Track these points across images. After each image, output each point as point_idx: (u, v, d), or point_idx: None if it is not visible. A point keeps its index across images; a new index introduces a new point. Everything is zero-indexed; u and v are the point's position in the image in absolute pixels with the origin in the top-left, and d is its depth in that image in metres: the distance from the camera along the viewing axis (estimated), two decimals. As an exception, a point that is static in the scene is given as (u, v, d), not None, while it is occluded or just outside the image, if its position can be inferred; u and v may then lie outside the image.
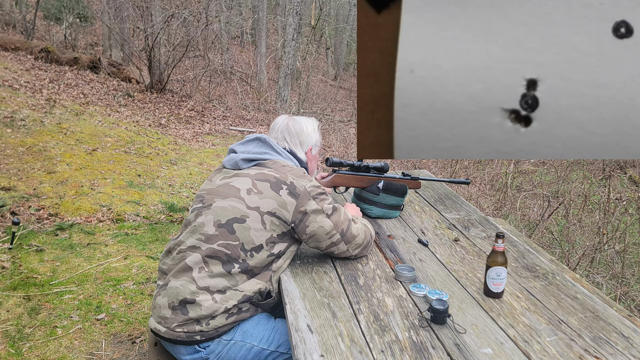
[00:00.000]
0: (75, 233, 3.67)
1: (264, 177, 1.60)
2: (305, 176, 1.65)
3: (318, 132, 1.89)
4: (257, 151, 1.69)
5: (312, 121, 1.89)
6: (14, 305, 2.70)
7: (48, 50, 9.36)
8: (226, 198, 1.58)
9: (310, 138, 1.84)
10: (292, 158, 1.74)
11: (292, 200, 1.57)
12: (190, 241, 1.57)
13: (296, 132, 1.80)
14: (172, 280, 1.55)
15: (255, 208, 1.56)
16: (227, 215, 1.56)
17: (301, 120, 1.84)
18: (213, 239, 1.54)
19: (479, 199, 5.46)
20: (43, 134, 5.78)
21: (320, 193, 1.64)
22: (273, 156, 1.69)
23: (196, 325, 1.50)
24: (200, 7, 10.29)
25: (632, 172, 7.17)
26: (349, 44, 19.53)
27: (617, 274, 3.78)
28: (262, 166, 1.65)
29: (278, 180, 1.59)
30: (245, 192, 1.58)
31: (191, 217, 1.64)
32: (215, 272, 1.52)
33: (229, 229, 1.54)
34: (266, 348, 1.57)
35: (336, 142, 8.34)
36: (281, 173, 1.62)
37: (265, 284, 1.59)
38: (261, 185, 1.59)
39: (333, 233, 1.64)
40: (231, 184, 1.62)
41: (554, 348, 1.29)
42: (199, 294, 1.50)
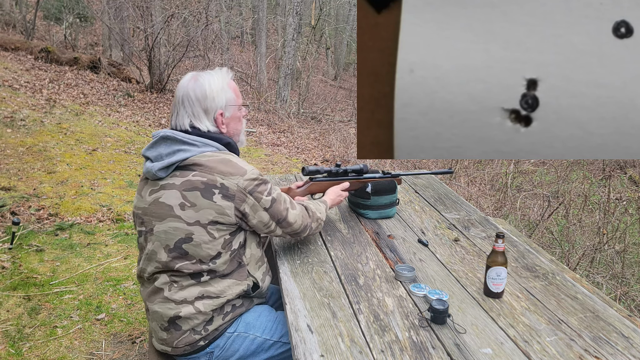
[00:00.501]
0: (75, 233, 3.67)
1: (191, 185, 1.46)
2: (235, 170, 1.48)
3: (229, 89, 1.59)
4: (169, 152, 1.49)
5: (221, 75, 1.59)
6: (14, 305, 2.70)
7: (48, 50, 9.36)
8: (163, 220, 1.48)
9: (218, 100, 1.55)
10: (209, 143, 1.52)
11: (228, 203, 1.46)
12: (150, 269, 1.54)
13: (197, 98, 1.53)
14: (150, 305, 1.55)
15: (195, 223, 1.46)
16: (172, 238, 1.47)
17: (205, 78, 1.55)
18: (169, 264, 1.49)
19: (479, 199, 5.46)
20: (43, 134, 5.78)
21: (257, 184, 1.50)
22: (188, 152, 1.48)
23: (195, 334, 1.51)
24: (200, 7, 10.29)
25: (632, 172, 7.17)
26: (349, 44, 19.54)
27: (617, 274, 3.78)
28: (185, 170, 1.49)
29: (207, 186, 1.45)
30: (179, 208, 1.46)
31: (141, 240, 1.58)
32: (186, 284, 1.50)
33: (180, 252, 1.48)
34: (269, 338, 1.58)
35: (336, 142, 8.35)
36: (207, 175, 1.46)
37: (245, 282, 1.56)
38: (191, 196, 1.45)
39: (270, 223, 1.58)
40: (161, 200, 1.49)
41: (554, 348, 1.29)
42: (180, 309, 1.49)
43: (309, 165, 2.07)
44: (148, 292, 1.56)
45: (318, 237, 1.95)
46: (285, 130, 9.23)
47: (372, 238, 1.97)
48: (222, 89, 1.56)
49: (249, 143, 7.67)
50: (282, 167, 6.68)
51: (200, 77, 1.55)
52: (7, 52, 9.16)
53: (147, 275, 1.55)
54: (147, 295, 1.57)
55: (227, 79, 1.59)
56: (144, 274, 1.57)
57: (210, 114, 1.55)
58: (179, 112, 1.55)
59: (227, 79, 1.59)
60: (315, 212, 1.76)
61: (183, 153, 1.48)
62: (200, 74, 1.57)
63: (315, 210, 1.77)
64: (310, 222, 1.72)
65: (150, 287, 1.55)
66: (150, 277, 1.55)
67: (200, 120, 1.54)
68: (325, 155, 7.65)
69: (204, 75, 1.56)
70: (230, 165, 1.49)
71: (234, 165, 1.49)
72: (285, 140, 8.49)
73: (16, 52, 9.29)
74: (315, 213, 1.76)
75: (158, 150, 1.51)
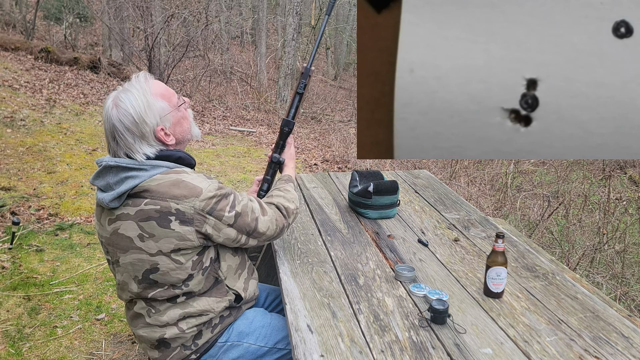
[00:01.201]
0: (75, 233, 3.67)
1: (145, 215, 1.34)
2: (188, 191, 1.35)
3: (155, 99, 1.40)
4: (117, 180, 1.36)
5: (140, 87, 1.39)
6: (14, 305, 2.70)
7: (48, 50, 9.36)
8: (126, 252, 1.40)
9: (150, 119, 1.37)
10: (157, 164, 1.39)
11: (187, 228, 1.35)
12: (125, 296, 1.51)
13: (126, 128, 1.35)
14: (134, 329, 1.53)
15: (158, 253, 1.37)
16: (138, 269, 1.41)
17: (126, 102, 1.36)
18: (142, 293, 1.45)
19: (479, 199, 5.46)
20: (43, 134, 5.78)
21: (217, 202, 1.38)
22: (137, 178, 1.35)
23: (186, 350, 1.48)
24: (200, 7, 10.29)
25: (632, 172, 7.17)
26: (349, 44, 19.53)
27: (617, 274, 3.78)
28: (136, 198, 1.36)
29: (162, 214, 1.33)
30: (139, 240, 1.37)
31: (111, 269, 1.51)
32: (163, 308, 1.46)
33: (149, 282, 1.42)
34: (263, 345, 1.54)
35: (336, 142, 8.34)
36: (160, 202, 1.33)
37: (225, 298, 1.52)
38: (148, 226, 1.35)
39: (239, 238, 1.46)
40: (119, 231, 1.39)
41: (554, 348, 1.29)
42: (165, 330, 1.46)
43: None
44: (130, 316, 1.53)
45: (318, 237, 1.95)
46: (285, 130, 9.20)
47: (372, 238, 1.97)
48: (149, 104, 1.37)
49: (249, 143, 7.67)
50: (282, 167, 6.67)
51: (120, 102, 1.36)
52: (7, 52, 9.16)
53: (125, 300, 1.53)
54: (129, 319, 1.54)
55: (148, 89, 1.40)
56: (122, 298, 1.54)
57: (148, 137, 1.38)
58: (113, 148, 1.40)
59: (148, 89, 1.40)
60: (288, 206, 1.61)
61: (132, 180, 1.34)
62: (119, 96, 1.38)
63: (287, 203, 1.62)
64: (286, 221, 1.59)
65: (131, 311, 1.52)
66: (129, 302, 1.52)
67: (138, 150, 1.38)
68: (325, 155, 7.65)
69: (123, 97, 1.37)
70: (183, 186, 1.35)
71: (187, 185, 1.35)
72: (285, 140, 8.46)
73: (16, 52, 9.29)
74: (289, 207, 1.61)
75: (105, 179, 1.38)
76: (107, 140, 1.41)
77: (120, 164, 1.36)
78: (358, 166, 7.06)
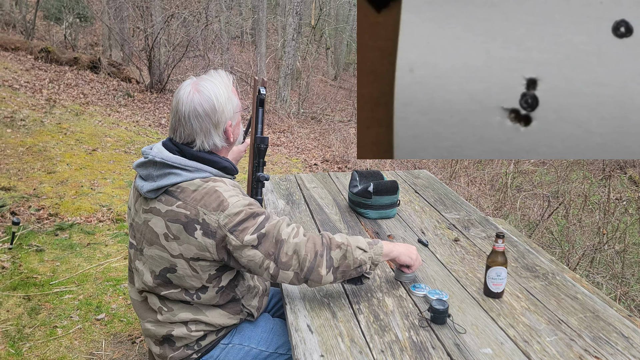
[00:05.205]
0: (75, 233, 3.67)
1: (174, 217, 1.35)
2: (218, 204, 1.34)
3: (234, 96, 1.46)
4: (160, 173, 1.38)
5: (223, 81, 1.45)
6: (14, 305, 2.70)
7: (48, 50, 9.36)
8: (152, 245, 1.41)
9: (227, 111, 1.42)
10: (203, 168, 1.40)
11: (209, 241, 1.34)
12: (139, 285, 1.50)
13: (207, 113, 1.38)
14: (142, 322, 1.53)
15: (179, 256, 1.37)
16: (157, 265, 1.42)
17: (210, 90, 1.40)
18: (155, 289, 1.46)
19: (479, 199, 5.46)
20: (43, 134, 5.78)
21: (241, 220, 1.33)
22: (180, 176, 1.37)
23: (188, 349, 1.49)
24: (200, 7, 10.29)
25: (632, 172, 7.17)
26: (349, 44, 19.53)
27: (617, 274, 3.78)
28: (171, 196, 1.37)
29: (190, 220, 1.34)
30: (164, 238, 1.38)
31: (131, 252, 1.52)
32: (176, 308, 1.46)
33: (164, 280, 1.43)
34: (265, 350, 1.55)
35: (336, 142, 8.34)
36: (191, 207, 1.34)
37: (237, 316, 1.52)
38: (175, 228, 1.36)
39: (267, 264, 1.36)
40: (150, 224, 1.40)
41: (554, 348, 1.29)
42: (173, 327, 1.46)
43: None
44: (139, 306, 1.53)
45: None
46: (285, 130, 9.23)
47: (372, 238, 1.97)
48: (229, 97, 1.43)
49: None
50: (282, 167, 6.68)
51: (203, 89, 1.40)
52: (7, 52, 9.16)
53: (137, 288, 1.52)
54: (139, 309, 1.54)
55: (230, 85, 1.46)
56: (132, 284, 1.54)
57: (220, 127, 1.42)
58: (185, 129, 1.40)
59: (230, 85, 1.46)
60: (333, 238, 1.43)
61: (174, 177, 1.37)
62: (200, 83, 1.42)
63: (338, 238, 1.44)
64: (322, 248, 1.40)
65: (143, 303, 1.52)
66: (141, 291, 1.52)
67: (210, 137, 1.41)
68: (325, 155, 7.65)
69: (206, 85, 1.41)
70: (215, 197, 1.34)
71: (218, 197, 1.34)
72: (285, 140, 8.49)
73: (16, 52, 9.29)
74: (334, 238, 1.43)
75: (148, 170, 1.41)
76: (180, 123, 1.40)
77: (166, 160, 1.37)
78: (358, 166, 7.07)
